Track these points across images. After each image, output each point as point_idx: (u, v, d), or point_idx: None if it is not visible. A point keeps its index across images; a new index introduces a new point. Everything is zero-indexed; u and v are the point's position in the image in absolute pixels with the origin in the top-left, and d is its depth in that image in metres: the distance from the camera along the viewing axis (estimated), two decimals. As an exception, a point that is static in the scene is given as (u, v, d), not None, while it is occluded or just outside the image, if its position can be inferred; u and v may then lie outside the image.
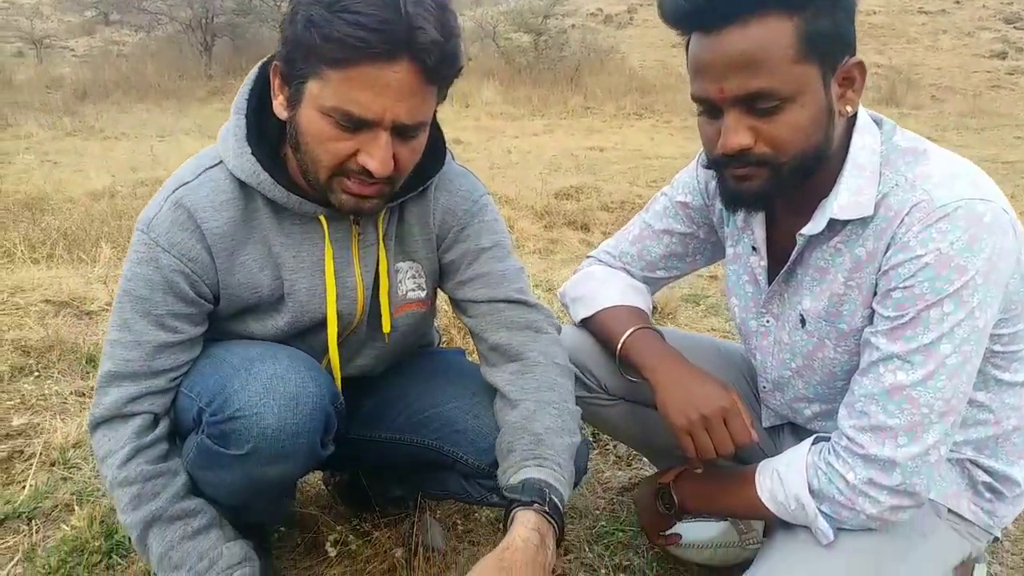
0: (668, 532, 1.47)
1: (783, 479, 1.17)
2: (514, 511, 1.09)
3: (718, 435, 1.20)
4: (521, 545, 1.03)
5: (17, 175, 6.61)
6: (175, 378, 1.19)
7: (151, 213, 1.17)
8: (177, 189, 1.18)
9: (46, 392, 2.30)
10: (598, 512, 1.79)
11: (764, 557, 1.22)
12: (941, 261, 1.02)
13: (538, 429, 1.20)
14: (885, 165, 1.11)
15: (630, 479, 1.94)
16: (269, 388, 1.08)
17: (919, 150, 1.11)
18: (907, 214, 1.06)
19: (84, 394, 2.29)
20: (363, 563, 1.53)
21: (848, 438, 1.11)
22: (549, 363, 1.30)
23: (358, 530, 1.60)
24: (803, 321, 1.23)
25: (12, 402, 2.23)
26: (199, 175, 1.19)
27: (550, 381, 1.28)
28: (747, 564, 1.25)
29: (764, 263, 1.27)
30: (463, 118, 11.00)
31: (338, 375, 1.29)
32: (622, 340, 1.35)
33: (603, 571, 1.58)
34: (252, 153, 1.15)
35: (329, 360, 1.28)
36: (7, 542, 1.60)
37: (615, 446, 2.09)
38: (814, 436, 1.20)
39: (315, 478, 1.85)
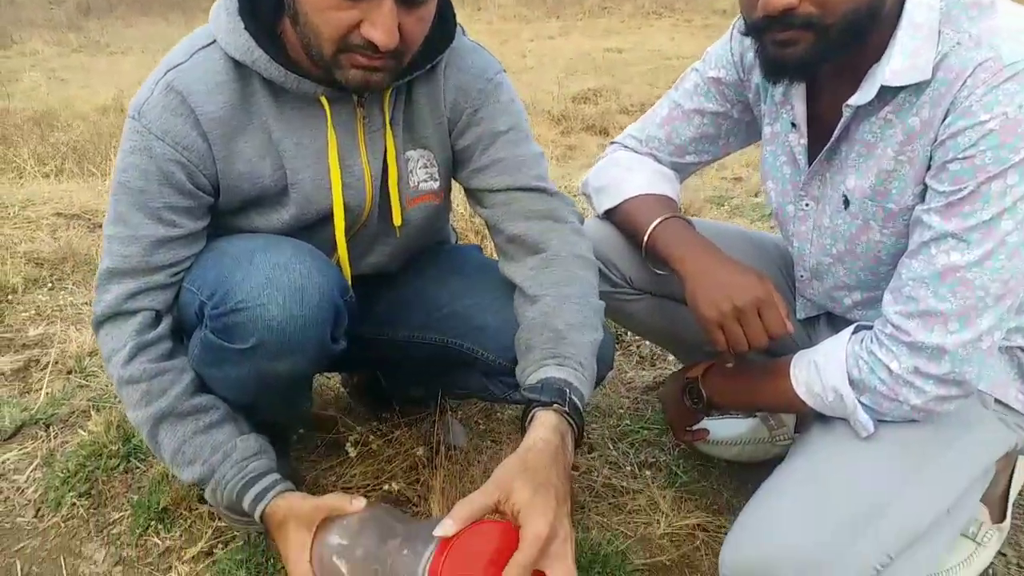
0: (695, 427, 1.42)
1: (820, 370, 1.10)
2: (533, 411, 1.04)
3: (751, 326, 1.13)
4: (542, 446, 0.98)
5: (25, 93, 6.51)
6: (176, 273, 1.13)
7: (142, 98, 1.09)
8: (168, 72, 1.09)
9: (61, 303, 2.28)
10: (622, 411, 1.75)
11: (799, 451, 1.17)
12: (1007, 127, 0.92)
13: (559, 325, 1.14)
14: (945, 23, 0.99)
15: (654, 378, 1.90)
16: (272, 279, 1.01)
17: (984, 3, 0.98)
18: (970, 75, 0.94)
19: (98, 304, 2.27)
20: (384, 462, 1.51)
21: (894, 325, 1.03)
22: (570, 255, 1.22)
23: (378, 431, 1.57)
24: (846, 202, 1.13)
25: (27, 313, 2.21)
26: (191, 56, 1.09)
27: (571, 275, 1.21)
28: (777, 460, 1.20)
29: (804, 141, 1.17)
30: (475, 22, 10.63)
31: (347, 271, 1.22)
32: (649, 230, 1.26)
33: (628, 468, 1.55)
34: (246, 28, 1.06)
35: (338, 256, 1.22)
36: (26, 448, 1.59)
37: (639, 346, 2.04)
38: (855, 325, 1.13)
39: (333, 381, 1.82)
